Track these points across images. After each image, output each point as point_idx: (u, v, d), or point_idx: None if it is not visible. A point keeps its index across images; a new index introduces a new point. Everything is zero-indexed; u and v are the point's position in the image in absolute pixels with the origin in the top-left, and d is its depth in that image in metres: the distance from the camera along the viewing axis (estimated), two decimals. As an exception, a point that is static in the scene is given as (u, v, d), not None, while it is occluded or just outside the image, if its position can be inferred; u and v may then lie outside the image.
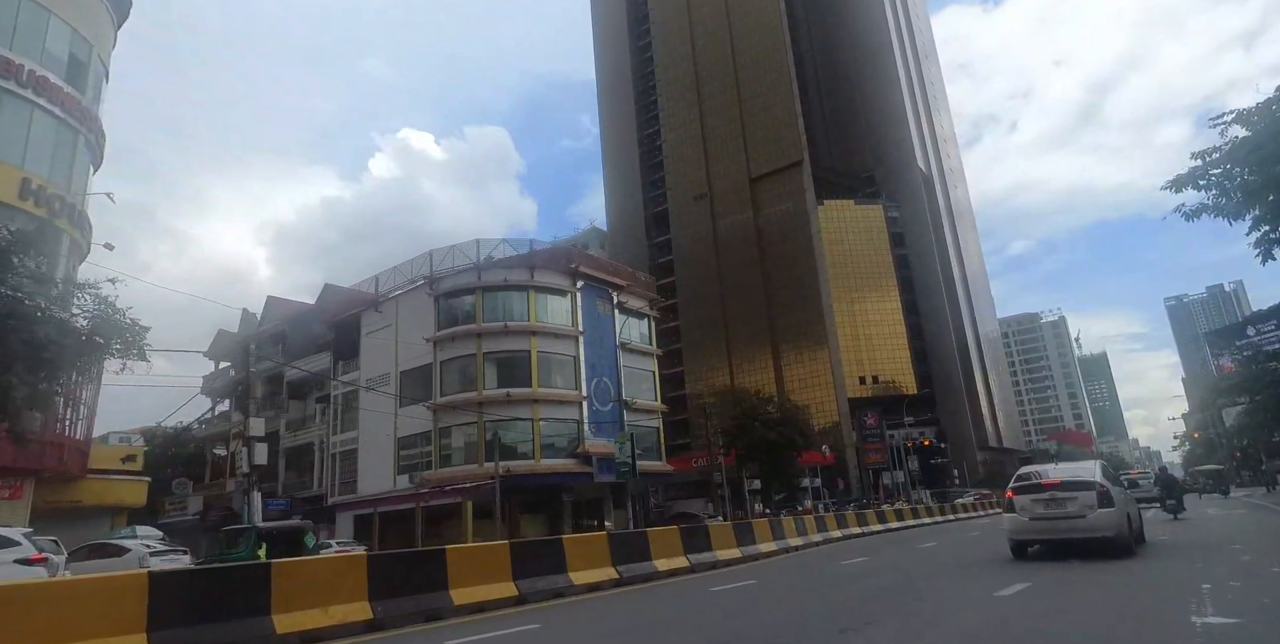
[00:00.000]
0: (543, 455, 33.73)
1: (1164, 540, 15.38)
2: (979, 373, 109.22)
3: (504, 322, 34.16)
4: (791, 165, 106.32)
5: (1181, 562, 11.04)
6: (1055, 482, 11.98)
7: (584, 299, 36.80)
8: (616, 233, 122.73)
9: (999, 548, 13.42)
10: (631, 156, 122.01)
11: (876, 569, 13.09)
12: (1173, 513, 24.43)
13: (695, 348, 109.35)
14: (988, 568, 11.69)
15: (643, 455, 38.98)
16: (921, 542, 20.23)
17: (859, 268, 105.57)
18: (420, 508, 32.75)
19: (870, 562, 14.69)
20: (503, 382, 34.33)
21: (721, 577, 13.05)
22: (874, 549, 18.54)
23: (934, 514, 34.26)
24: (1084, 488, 11.53)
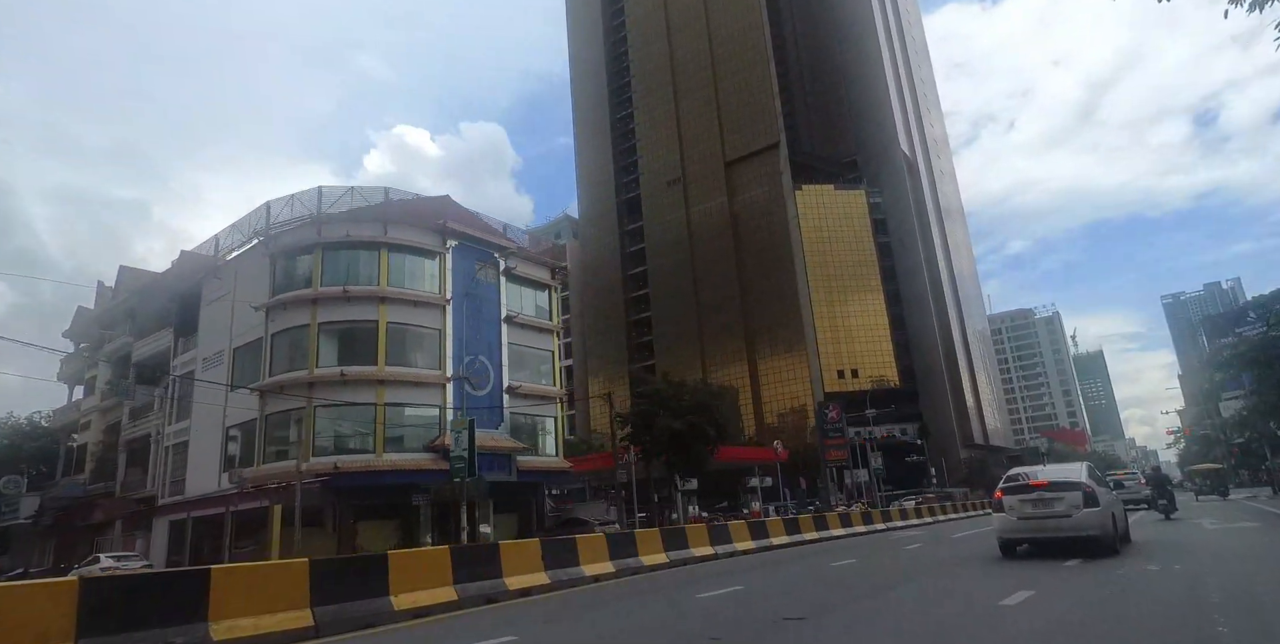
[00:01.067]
0: (389, 449, 27.08)
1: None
2: (965, 368, 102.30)
3: (343, 285, 27.50)
4: (768, 148, 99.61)
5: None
6: (1042, 482, 12.04)
7: (458, 262, 30.17)
8: (588, 221, 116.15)
9: (924, 566, 12.34)
10: (604, 141, 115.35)
11: (732, 604, 9.10)
12: (1165, 513, 22.84)
13: (667, 340, 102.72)
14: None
15: (534, 451, 32.45)
16: (838, 558, 14.52)
17: (839, 256, 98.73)
18: (230, 513, 26.18)
19: (738, 593, 10.23)
20: (343, 358, 27.70)
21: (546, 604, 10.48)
22: (759, 568, 14.34)
23: (875, 521, 27.64)
24: (1070, 488, 11.64)
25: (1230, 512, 24.55)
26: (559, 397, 33.40)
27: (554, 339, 34.13)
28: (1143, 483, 33.51)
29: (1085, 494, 11.49)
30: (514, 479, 29.45)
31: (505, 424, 30.36)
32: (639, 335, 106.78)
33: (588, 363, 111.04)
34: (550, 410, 33.06)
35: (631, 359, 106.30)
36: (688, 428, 28.42)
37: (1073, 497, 11.51)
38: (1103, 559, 11.06)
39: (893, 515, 29.53)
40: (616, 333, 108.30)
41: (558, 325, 34.33)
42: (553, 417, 33.26)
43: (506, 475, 29.30)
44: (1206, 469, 44.94)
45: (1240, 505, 28.75)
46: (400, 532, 27.59)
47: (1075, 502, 11.44)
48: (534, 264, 34.11)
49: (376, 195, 29.24)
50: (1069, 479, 11.99)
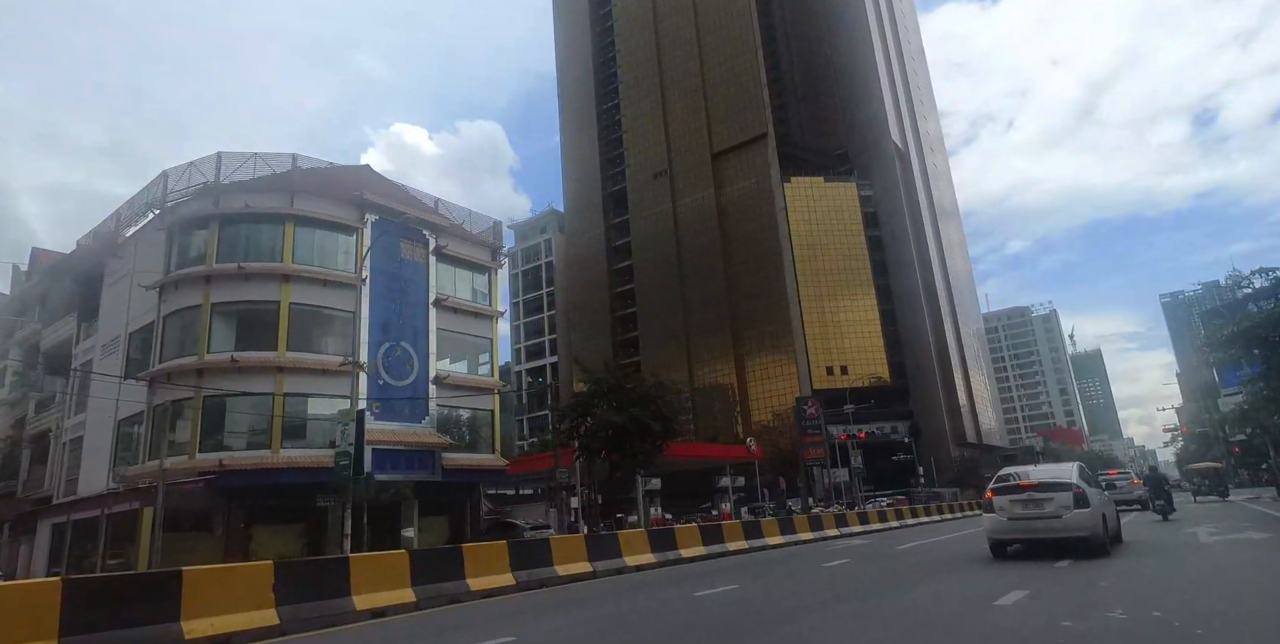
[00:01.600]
0: (291, 445, 24.00)
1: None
2: (958, 365, 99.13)
3: (239, 262, 24.42)
4: (756, 139, 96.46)
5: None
6: (1033, 483, 11.87)
7: (379, 239, 27.11)
8: (574, 214, 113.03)
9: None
10: (590, 133, 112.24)
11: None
12: (1162, 514, 21.90)
13: (653, 336, 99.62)
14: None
15: (466, 447, 29.39)
16: (708, 586, 10.88)
17: (829, 250, 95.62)
18: (105, 516, 23.14)
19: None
20: (241, 342, 24.62)
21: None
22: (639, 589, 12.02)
23: (827, 526, 24.56)
24: (1060, 489, 11.47)
25: (1232, 517, 21.46)
26: (497, 388, 30.25)
27: (494, 325, 31.01)
28: (1136, 483, 30.84)
29: (1076, 495, 11.33)
30: (438, 478, 26.40)
31: (431, 418, 27.27)
32: (624, 331, 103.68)
33: (572, 361, 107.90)
34: (487, 403, 29.94)
35: (616, 356, 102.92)
36: (629, 421, 25.33)
37: (1063, 497, 11.35)
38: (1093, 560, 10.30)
39: (849, 520, 26.42)
40: (601, 329, 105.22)
41: (497, 310, 31.18)
42: (490, 410, 30.13)
43: (429, 474, 26.25)
44: (1205, 468, 41.90)
45: (1243, 509, 25.63)
46: (306, 537, 24.55)
47: (1066, 502, 11.29)
48: (472, 244, 30.99)
49: (284, 162, 26.12)
50: (1059, 480, 11.82)
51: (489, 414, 30.16)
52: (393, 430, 25.65)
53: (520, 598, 11.19)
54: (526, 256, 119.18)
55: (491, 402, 30.07)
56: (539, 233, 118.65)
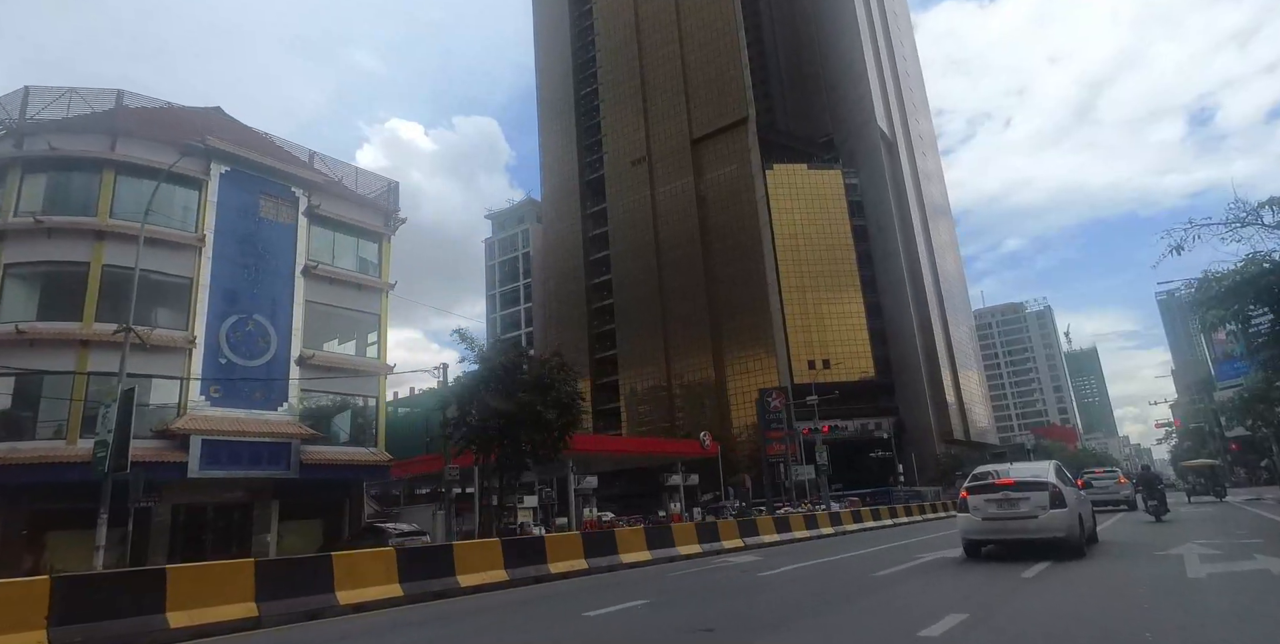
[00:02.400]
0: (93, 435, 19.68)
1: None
2: (945, 359, 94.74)
3: (36, 215, 20.10)
4: (736, 124, 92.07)
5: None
6: (1008, 482, 11.50)
7: (230, 194, 22.80)
8: (551, 204, 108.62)
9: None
10: (567, 119, 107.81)
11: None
12: (1155, 515, 19.99)
13: (630, 328, 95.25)
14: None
15: (348, 440, 25.10)
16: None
17: (813, 239, 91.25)
18: None
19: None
20: (45, 311, 20.37)
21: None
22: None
23: (762, 531, 20.34)
24: (1036, 488, 11.13)
25: (1231, 524, 17.18)
26: (383, 372, 25.91)
27: (383, 300, 26.64)
28: (1123, 482, 27.03)
29: (1052, 495, 11.05)
30: (294, 475, 22.08)
31: (290, 405, 22.97)
32: (601, 324, 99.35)
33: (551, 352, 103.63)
34: (370, 388, 25.61)
35: (593, 349, 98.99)
36: (517, 409, 21.09)
37: (1039, 497, 11.06)
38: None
39: (791, 525, 22.12)
40: (577, 321, 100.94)
41: (388, 282, 26.81)
42: (374, 397, 25.81)
43: (282, 470, 21.92)
44: (1200, 465, 37.63)
45: (1242, 514, 21.31)
46: (124, 545, 20.22)
47: (1041, 502, 11.01)
48: (359, 206, 26.63)
49: (107, 99, 21.80)
50: (1036, 479, 11.53)
51: (376, 402, 25.82)
52: (236, 418, 21.35)
53: (397, 613, 9.76)
54: (503, 247, 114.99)
55: (376, 387, 25.72)
56: (517, 223, 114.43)
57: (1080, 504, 12.19)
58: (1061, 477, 11.98)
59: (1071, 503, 11.21)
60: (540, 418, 21.46)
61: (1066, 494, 11.19)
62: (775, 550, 17.76)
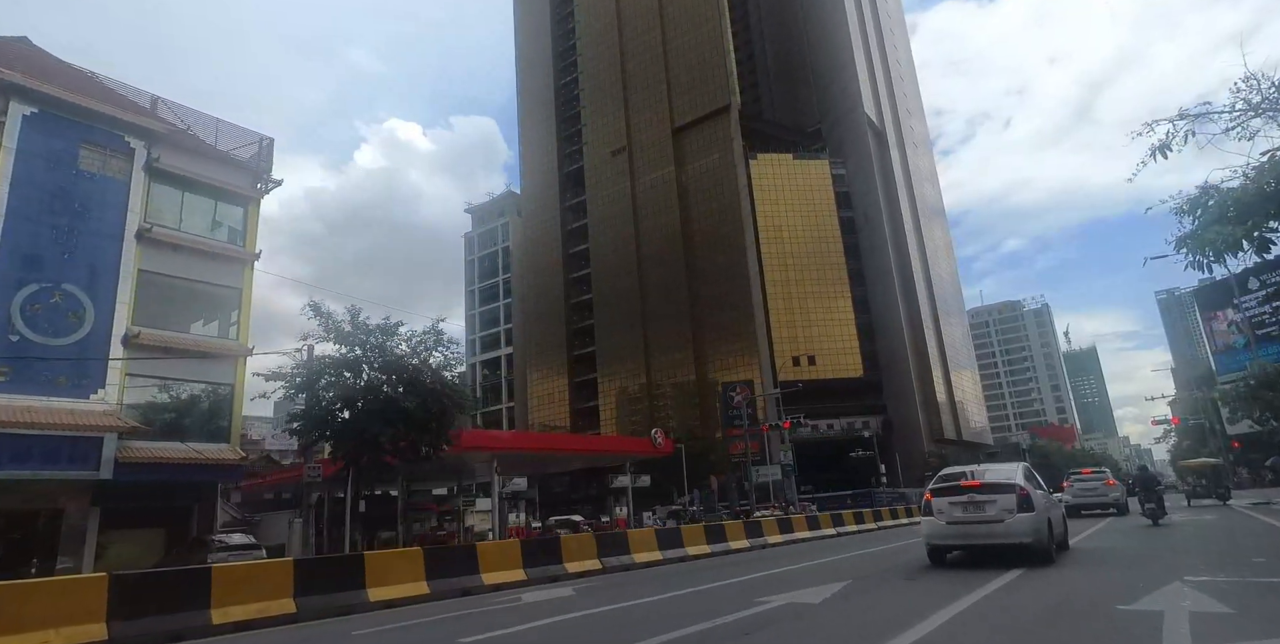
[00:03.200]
0: None
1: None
2: (936, 356, 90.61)
3: None
4: (718, 112, 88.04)
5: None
6: (974, 483, 10.87)
7: (36, 140, 18.90)
8: (530, 197, 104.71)
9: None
10: (547, 109, 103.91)
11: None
12: (1152, 518, 17.89)
13: (608, 324, 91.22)
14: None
15: (202, 434, 21.11)
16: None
17: (798, 231, 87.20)
18: None
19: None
20: None
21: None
22: None
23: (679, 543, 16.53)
24: (1003, 491, 10.49)
25: (1238, 538, 13.21)
26: (242, 355, 21.89)
27: (246, 273, 22.64)
28: (1111, 483, 23.50)
29: (1019, 498, 10.35)
30: (106, 476, 18.09)
31: (106, 392, 18.99)
32: (580, 319, 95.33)
33: (527, 351, 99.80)
34: (224, 374, 21.60)
35: (571, 346, 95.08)
36: (365, 395, 17.09)
37: (1005, 500, 10.39)
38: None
39: (728, 534, 18.22)
40: (555, 317, 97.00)
41: (253, 252, 22.81)
42: (230, 384, 21.80)
43: (89, 470, 17.92)
44: (1201, 465, 33.49)
45: (1253, 523, 17.26)
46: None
47: (1008, 506, 10.34)
48: (217, 163, 22.66)
49: None
50: (1003, 481, 10.85)
51: (231, 390, 21.81)
52: (25, 407, 17.38)
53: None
54: (483, 242, 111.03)
55: (232, 372, 21.71)
56: (496, 217, 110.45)
57: (1050, 508, 11.60)
58: (1030, 479, 11.32)
59: (1040, 507, 10.62)
60: (410, 416, 17.41)
61: (1035, 498, 10.55)
62: (681, 568, 14.62)
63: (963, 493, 10.71)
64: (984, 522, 10.42)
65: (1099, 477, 25.21)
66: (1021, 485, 10.57)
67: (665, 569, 14.69)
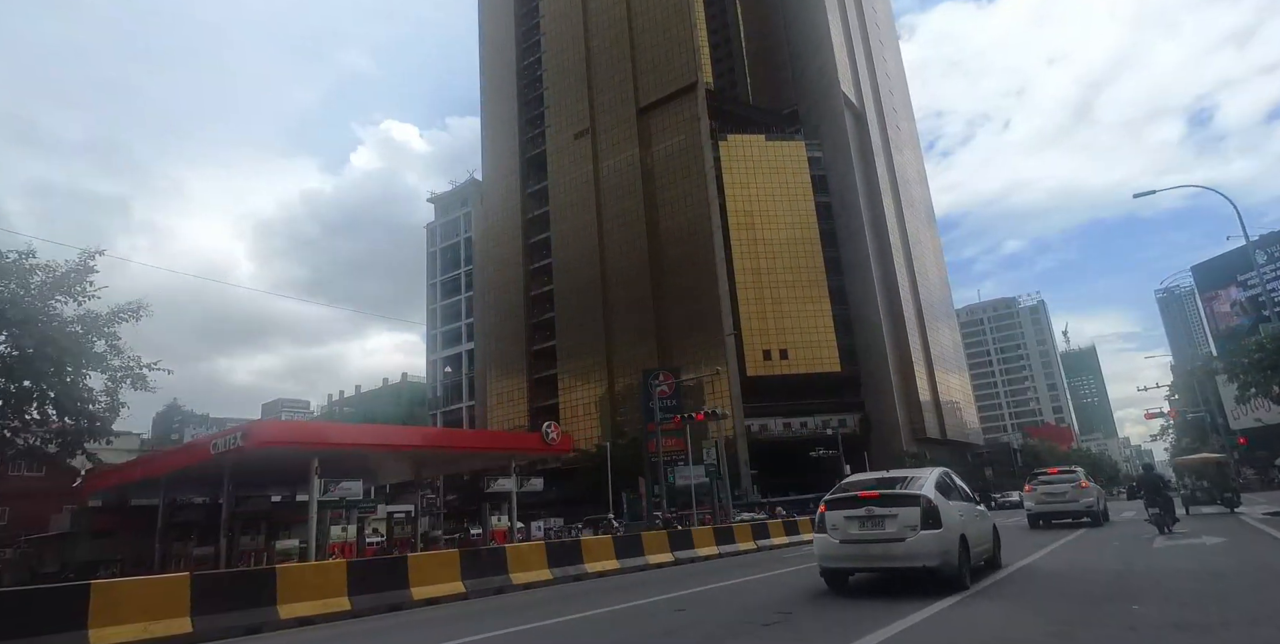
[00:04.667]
0: None
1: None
2: (918, 348, 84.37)
3: None
4: (684, 90, 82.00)
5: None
6: (872, 494, 9.07)
7: None
8: (491, 183, 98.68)
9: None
10: (509, 91, 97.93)
11: None
12: (1159, 525, 14.84)
13: (570, 317, 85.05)
14: None
15: None
16: None
17: (771, 216, 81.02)
18: None
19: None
20: None
21: None
22: None
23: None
24: (905, 503, 8.76)
25: (1256, 591, 7.41)
26: None
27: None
28: (1085, 486, 17.94)
29: (924, 510, 8.59)
30: None
31: None
32: (540, 312, 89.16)
33: (487, 346, 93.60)
34: None
35: (531, 340, 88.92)
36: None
37: (907, 514, 8.61)
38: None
39: (595, 553, 12.96)
40: (515, 310, 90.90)
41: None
42: None
43: None
44: (1202, 461, 26.92)
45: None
46: None
47: (910, 520, 8.56)
48: None
49: None
50: (906, 491, 8.97)
51: None
52: None
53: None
54: (445, 233, 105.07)
55: None
56: (459, 206, 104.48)
57: (966, 523, 9.41)
58: (946, 488, 9.52)
59: (951, 522, 8.84)
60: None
61: (944, 511, 8.81)
62: (581, 589, 12.79)
63: (860, 505, 9.05)
64: (882, 540, 8.80)
65: (1069, 478, 19.11)
66: (928, 496, 8.91)
67: (547, 593, 12.49)
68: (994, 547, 10.87)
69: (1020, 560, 11.72)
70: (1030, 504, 19.02)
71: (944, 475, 9.94)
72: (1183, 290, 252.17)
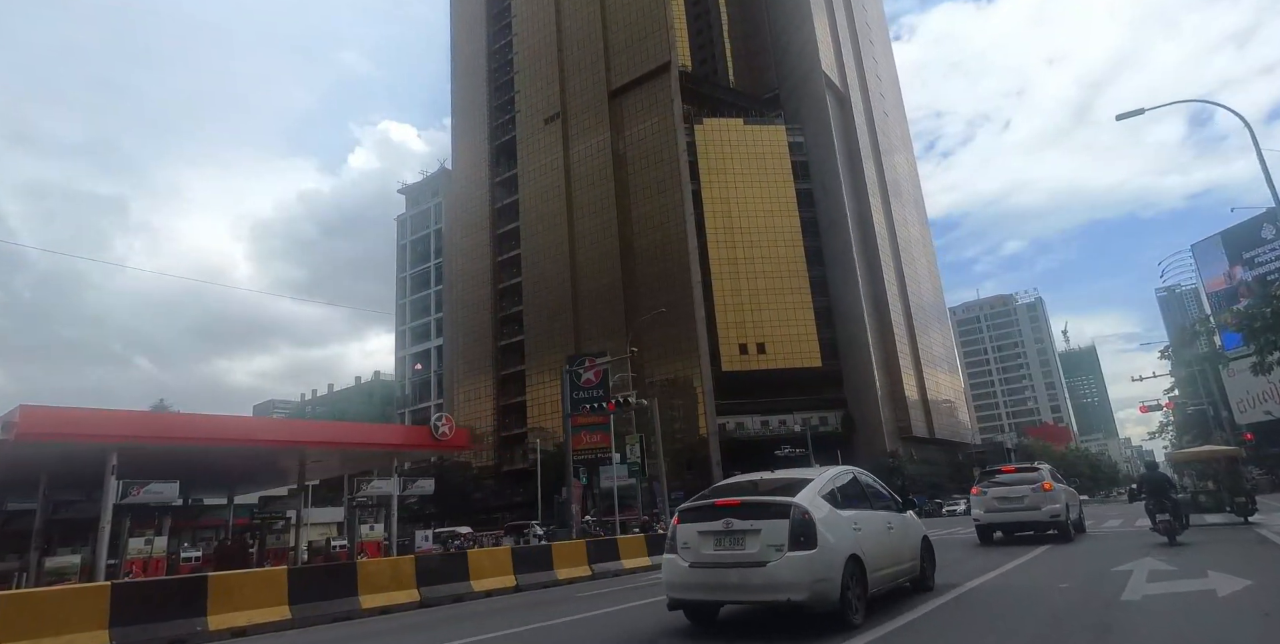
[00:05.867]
0: None
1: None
2: (905, 340, 79.61)
3: None
4: (658, 71, 77.38)
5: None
6: (732, 501, 6.70)
7: None
8: (460, 172, 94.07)
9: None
10: (479, 75, 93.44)
11: None
12: (1169, 535, 12.24)
13: (538, 310, 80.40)
14: None
15: None
16: None
17: (749, 203, 76.32)
18: None
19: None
20: None
21: None
22: None
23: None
24: (771, 514, 6.40)
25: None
26: None
27: None
28: (1048, 487, 13.11)
29: (795, 524, 6.22)
30: None
31: None
32: (508, 306, 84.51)
33: (455, 342, 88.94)
34: None
35: (498, 336, 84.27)
36: None
37: (773, 529, 6.23)
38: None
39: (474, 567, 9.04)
40: (482, 304, 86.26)
41: None
42: None
43: None
44: (1209, 456, 21.65)
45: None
46: None
47: (775, 538, 6.20)
48: None
49: None
50: (774, 498, 6.63)
51: None
52: None
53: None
54: (416, 225, 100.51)
55: None
56: (430, 197, 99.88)
57: (868, 538, 7.04)
58: (844, 494, 7.20)
59: (833, 540, 6.39)
60: None
61: (825, 526, 6.36)
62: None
63: (716, 516, 6.57)
64: (739, 563, 6.32)
65: (1028, 478, 14.31)
66: (802, 506, 6.38)
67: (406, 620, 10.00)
68: (921, 565, 8.49)
69: (981, 577, 8.97)
70: (979, 512, 14.41)
71: (845, 476, 7.69)
72: (1184, 289, 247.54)
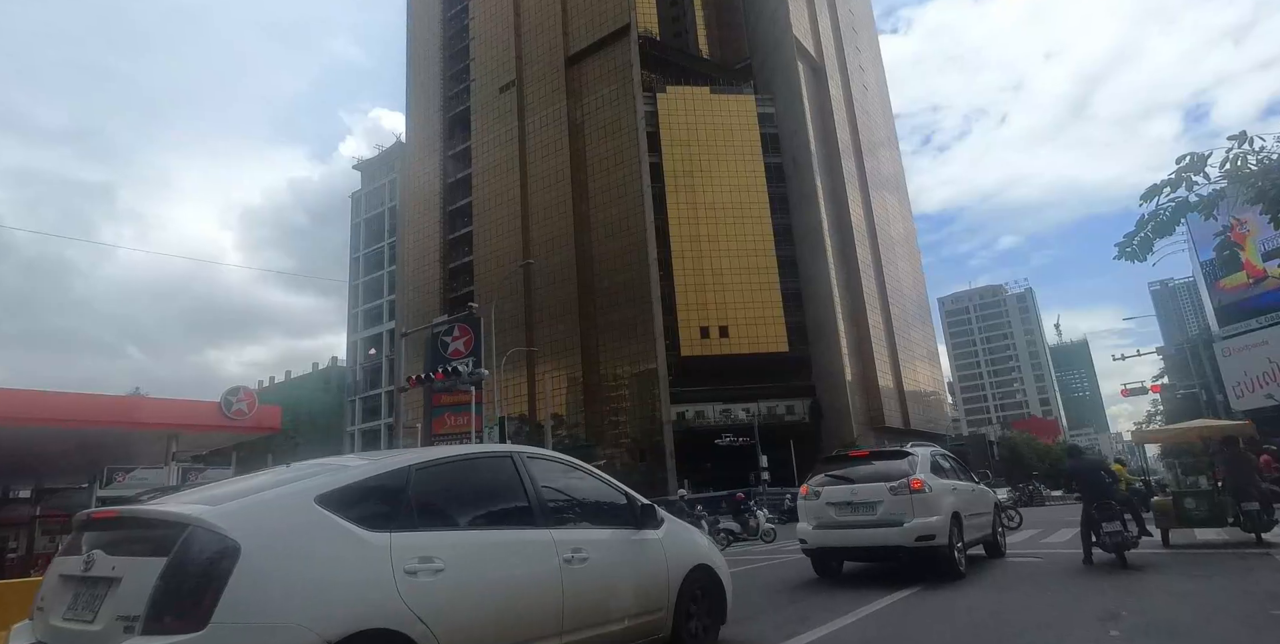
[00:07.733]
0: None
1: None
2: (881, 330, 74.04)
3: None
4: (617, 34, 71.52)
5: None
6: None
7: None
8: (414, 146, 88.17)
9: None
10: (433, 43, 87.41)
11: None
12: (1116, 551, 8.40)
13: (490, 291, 74.56)
14: None
15: None
16: None
17: (713, 178, 70.37)
18: None
19: None
20: None
21: None
22: None
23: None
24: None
25: None
26: None
27: None
28: (917, 486, 6.99)
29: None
30: None
31: None
32: (459, 286, 78.76)
33: (405, 325, 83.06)
34: None
35: (449, 316, 78.38)
36: None
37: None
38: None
39: None
40: (431, 285, 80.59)
41: None
42: None
43: None
44: (1198, 432, 14.48)
45: None
46: None
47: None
48: None
49: None
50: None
51: None
52: None
53: None
54: (370, 202, 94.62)
55: None
56: (387, 173, 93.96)
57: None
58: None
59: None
60: None
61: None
62: None
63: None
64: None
65: (886, 472, 8.32)
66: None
67: None
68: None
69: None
70: (806, 526, 8.64)
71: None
72: (1177, 283, 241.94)
